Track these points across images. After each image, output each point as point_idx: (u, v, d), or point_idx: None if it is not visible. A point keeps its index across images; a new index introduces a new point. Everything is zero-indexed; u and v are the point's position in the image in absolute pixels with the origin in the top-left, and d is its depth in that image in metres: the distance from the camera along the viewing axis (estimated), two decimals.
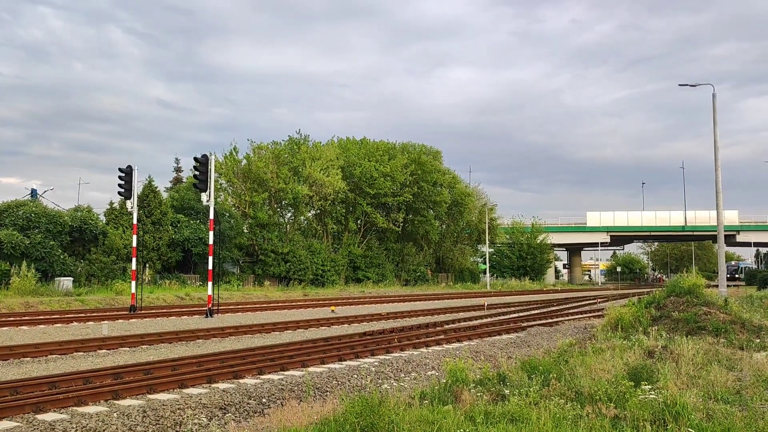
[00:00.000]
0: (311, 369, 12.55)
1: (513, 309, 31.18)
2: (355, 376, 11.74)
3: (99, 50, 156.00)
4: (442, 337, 18.19)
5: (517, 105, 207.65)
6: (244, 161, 50.05)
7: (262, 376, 11.74)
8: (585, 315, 27.49)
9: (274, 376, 11.68)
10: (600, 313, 25.95)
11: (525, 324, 22.77)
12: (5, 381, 10.50)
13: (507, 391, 8.15)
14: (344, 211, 57.28)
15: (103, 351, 15.14)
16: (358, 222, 58.42)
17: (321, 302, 35.22)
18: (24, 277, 30.75)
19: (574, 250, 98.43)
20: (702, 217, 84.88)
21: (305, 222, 56.75)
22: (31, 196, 46.95)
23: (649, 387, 7.70)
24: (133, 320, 23.15)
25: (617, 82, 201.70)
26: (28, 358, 13.72)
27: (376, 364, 13.16)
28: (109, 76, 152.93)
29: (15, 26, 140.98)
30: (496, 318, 26.17)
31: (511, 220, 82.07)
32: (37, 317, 23.12)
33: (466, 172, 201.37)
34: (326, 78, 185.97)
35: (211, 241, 26.12)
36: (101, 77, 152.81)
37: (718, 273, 31.40)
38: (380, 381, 10.55)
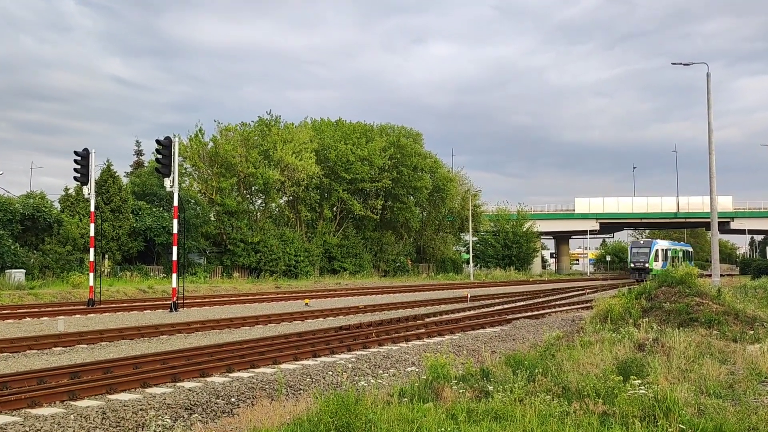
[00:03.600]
0: (283, 366, 12.56)
1: (497, 301, 31.44)
2: (331, 373, 11.77)
3: (50, 23, 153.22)
4: (422, 330, 18.29)
5: (499, 83, 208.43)
6: (211, 144, 49.64)
7: (230, 374, 11.73)
8: (573, 307, 27.82)
9: (244, 374, 11.68)
10: (588, 304, 26.25)
11: (510, 316, 22.98)
12: None
13: (491, 388, 8.22)
14: (318, 197, 57.14)
15: (59, 349, 15.01)
16: (334, 209, 58.33)
17: (294, 295, 35.19)
18: None
19: (561, 238, 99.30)
20: (695, 204, 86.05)
21: (277, 209, 56.51)
22: None
23: (639, 382, 7.82)
24: (92, 315, 22.97)
25: (604, 59, 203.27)
26: None
27: (352, 360, 13.21)
28: (61, 51, 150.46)
29: None
30: (480, 310, 26.38)
31: (496, 207, 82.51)
32: None
33: (448, 155, 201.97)
34: (298, 54, 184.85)
35: (175, 230, 25.95)
36: (53, 52, 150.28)
37: (711, 262, 31.92)
38: (357, 378, 10.58)
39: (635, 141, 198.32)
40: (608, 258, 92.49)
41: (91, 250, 28.02)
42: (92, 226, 28.08)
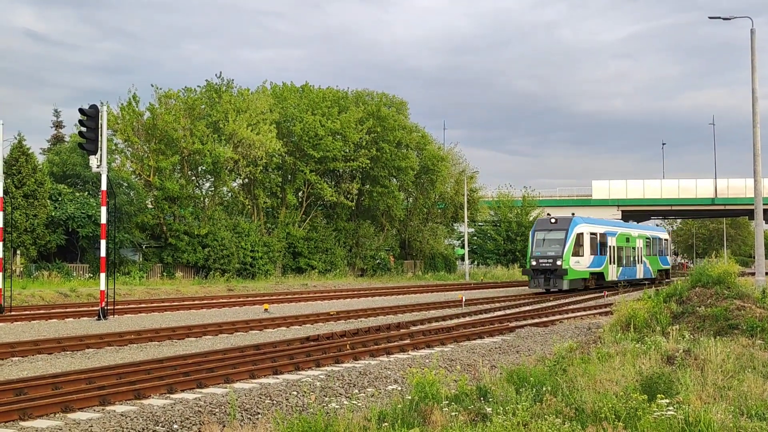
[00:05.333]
0: (237, 385, 12.57)
1: (498, 305, 31.67)
2: (295, 393, 11.81)
3: None
4: (407, 341, 18.39)
5: (500, 42, 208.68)
6: (147, 114, 49.21)
7: (172, 396, 11.72)
8: (589, 312, 28.09)
9: (189, 395, 11.67)
10: (608, 309, 26.50)
11: (513, 324, 23.15)
12: None
13: (489, 410, 8.29)
14: (280, 180, 56.92)
15: None
16: (299, 194, 58.21)
17: (251, 299, 35.13)
18: None
19: None
20: (736, 187, 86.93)
21: (229, 195, 56.25)
22: None
23: (667, 401, 7.92)
24: (0, 324, 22.82)
25: (627, 13, 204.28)
26: None
27: (322, 377, 13.25)
28: None
29: None
30: (477, 317, 26.55)
31: (497, 192, 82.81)
32: None
33: (439, 129, 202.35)
34: (253, 4, 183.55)
35: (103, 220, 25.81)
36: None
37: (754, 257, 32.35)
38: (327, 399, 10.61)
39: (664, 112, 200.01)
40: None
41: None
42: (0, 214, 27.84)
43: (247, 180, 54.75)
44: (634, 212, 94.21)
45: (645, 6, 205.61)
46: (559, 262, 40.30)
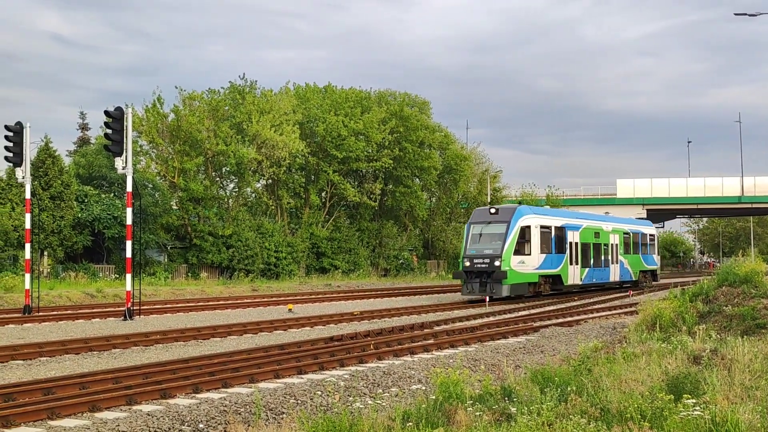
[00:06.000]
0: (262, 385, 12.62)
1: (522, 305, 31.55)
2: (319, 392, 11.83)
3: None
4: (431, 341, 18.39)
5: (522, 40, 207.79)
6: (172, 116, 49.53)
7: (198, 395, 11.80)
8: (614, 311, 27.92)
9: (214, 395, 11.74)
10: (633, 308, 26.32)
11: (537, 324, 23.07)
12: None
13: (514, 410, 8.26)
14: (304, 180, 57.08)
15: None
16: (323, 195, 58.33)
17: (275, 299, 35.25)
18: None
19: None
20: (763, 185, 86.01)
21: (253, 195, 56.47)
22: None
23: (694, 401, 7.86)
24: (28, 325, 23.10)
25: (651, 10, 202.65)
26: None
27: (346, 377, 13.27)
28: None
29: None
30: (501, 316, 26.48)
31: (521, 191, 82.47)
32: None
33: (461, 128, 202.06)
34: (274, 5, 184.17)
35: (129, 221, 25.99)
36: None
37: None
38: (351, 399, 10.63)
39: (689, 110, 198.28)
40: None
41: (27, 245, 28.12)
42: (28, 216, 28.14)
43: (270, 181, 54.93)
44: (660, 211, 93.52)
45: (669, 2, 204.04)
46: (497, 263, 32.57)
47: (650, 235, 48.81)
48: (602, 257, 40.98)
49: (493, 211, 34.78)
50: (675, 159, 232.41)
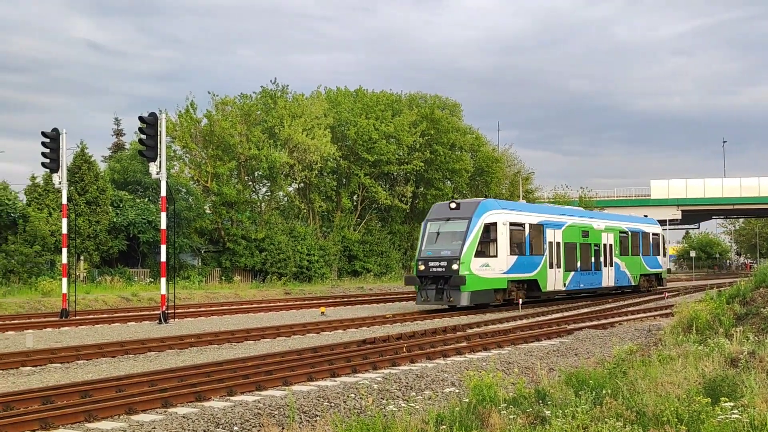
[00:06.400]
0: (296, 387, 12.66)
1: (555, 307, 31.35)
2: (353, 395, 11.84)
3: None
4: (463, 344, 18.34)
5: (552, 40, 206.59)
6: (205, 120, 49.97)
7: (232, 398, 11.86)
8: (649, 313, 27.64)
9: (248, 398, 11.80)
10: (668, 310, 26.05)
11: (571, 326, 22.90)
12: None
13: (548, 413, 8.21)
14: (335, 183, 57.24)
15: (28, 368, 15.30)
16: (354, 198, 58.44)
17: (307, 302, 35.36)
18: None
19: None
20: None
21: (285, 199, 56.74)
22: None
23: (731, 404, 7.75)
24: (66, 328, 23.38)
25: (684, 9, 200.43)
26: None
27: (379, 380, 13.27)
28: (22, 12, 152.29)
29: None
30: (534, 319, 26.33)
31: (553, 192, 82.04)
32: None
33: (492, 130, 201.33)
34: (303, 8, 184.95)
35: (163, 225, 26.20)
36: (11, 13, 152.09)
37: None
38: (385, 401, 10.63)
39: (724, 109, 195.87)
40: (693, 253, 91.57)
41: (64, 250, 28.44)
42: (64, 221, 28.47)
43: (302, 184, 55.18)
44: (695, 212, 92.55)
45: (701, 1, 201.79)
46: (454, 266, 28.07)
47: (654, 234, 43.78)
48: (592, 259, 36.25)
49: (453, 206, 30.01)
50: (710, 159, 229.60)
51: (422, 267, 29.09)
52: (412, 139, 57.11)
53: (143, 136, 25.71)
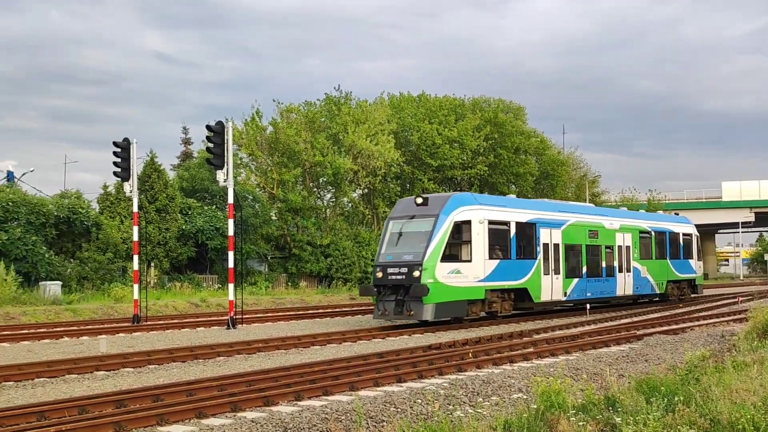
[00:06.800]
0: (362, 393, 12.69)
1: (624, 312, 30.80)
2: (419, 401, 11.81)
3: None
4: (530, 350, 18.15)
5: (620, 41, 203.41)
6: (270, 128, 50.60)
7: (299, 403, 11.95)
8: (722, 318, 26.98)
9: (316, 403, 11.87)
10: (742, 315, 25.37)
11: (640, 331, 22.48)
12: None
13: (618, 420, 8.08)
14: (399, 189, 57.30)
15: (102, 373, 15.65)
16: None
17: (372, 307, 35.43)
18: (2, 281, 31.96)
19: (705, 233, 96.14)
20: None
21: (349, 205, 57.03)
22: (7, 180, 48.70)
23: None
24: (137, 334, 23.86)
25: (753, 5, 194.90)
26: (11, 383, 14.31)
27: (445, 385, 13.22)
28: (94, 26, 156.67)
29: None
30: (602, 324, 25.93)
31: (620, 195, 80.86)
32: (20, 331, 24.07)
33: (557, 133, 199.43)
34: (368, 16, 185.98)
35: (231, 232, 26.54)
36: (83, 27, 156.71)
37: None
38: (451, 407, 10.60)
39: None
40: (767, 257, 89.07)
41: (135, 257, 29.01)
42: (135, 229, 29.04)
43: (366, 190, 55.39)
44: None
45: None
46: (415, 273, 23.69)
47: (685, 234, 38.29)
48: (603, 264, 31.64)
49: (419, 201, 25.34)
50: None
51: (380, 274, 24.89)
52: (476, 144, 56.87)
53: (210, 145, 26.08)
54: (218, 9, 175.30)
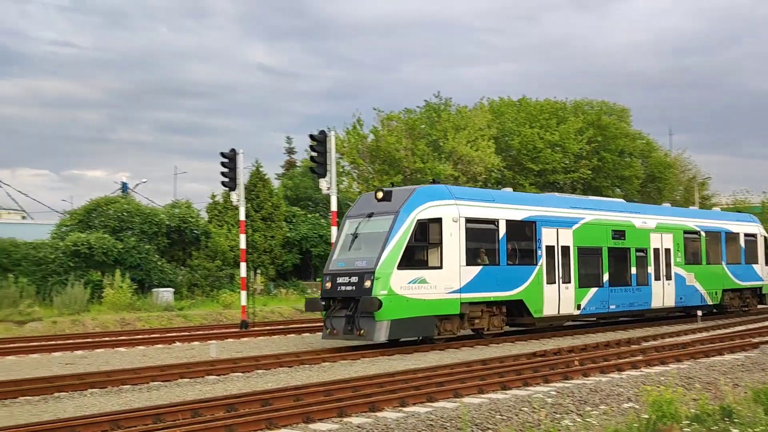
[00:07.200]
0: (466, 400, 12.63)
1: (738, 319, 29.61)
2: (525, 409, 11.68)
3: (185, 8, 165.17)
4: (639, 357, 17.68)
5: (729, 38, 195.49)
6: (371, 136, 50.97)
7: (404, 409, 11.98)
8: None
9: (420, 409, 11.88)
10: None
11: (756, 339, 21.56)
12: (105, 413, 11.50)
13: (735, 431, 7.79)
14: None
15: (212, 377, 16.12)
16: None
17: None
18: (118, 288, 33.31)
19: None
20: None
21: None
22: (122, 191, 50.83)
23: None
24: (245, 339, 24.41)
25: None
26: (128, 386, 14.93)
27: (551, 393, 13.02)
28: (200, 40, 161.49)
29: None
30: (715, 332, 25.03)
31: (732, 198, 77.79)
32: (135, 337, 25.06)
33: (663, 135, 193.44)
34: (468, 22, 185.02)
35: (334, 240, 26.81)
36: (191, 42, 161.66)
37: None
38: (559, 416, 10.44)
39: None
40: None
41: (242, 264, 29.66)
42: (242, 237, 29.72)
43: None
44: None
45: None
46: (366, 283, 19.39)
47: (748, 235, 32.65)
48: (632, 270, 26.82)
49: (380, 195, 20.71)
50: None
51: (329, 285, 20.46)
52: (579, 147, 55.85)
53: (314, 154, 26.48)
54: (319, 20, 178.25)
